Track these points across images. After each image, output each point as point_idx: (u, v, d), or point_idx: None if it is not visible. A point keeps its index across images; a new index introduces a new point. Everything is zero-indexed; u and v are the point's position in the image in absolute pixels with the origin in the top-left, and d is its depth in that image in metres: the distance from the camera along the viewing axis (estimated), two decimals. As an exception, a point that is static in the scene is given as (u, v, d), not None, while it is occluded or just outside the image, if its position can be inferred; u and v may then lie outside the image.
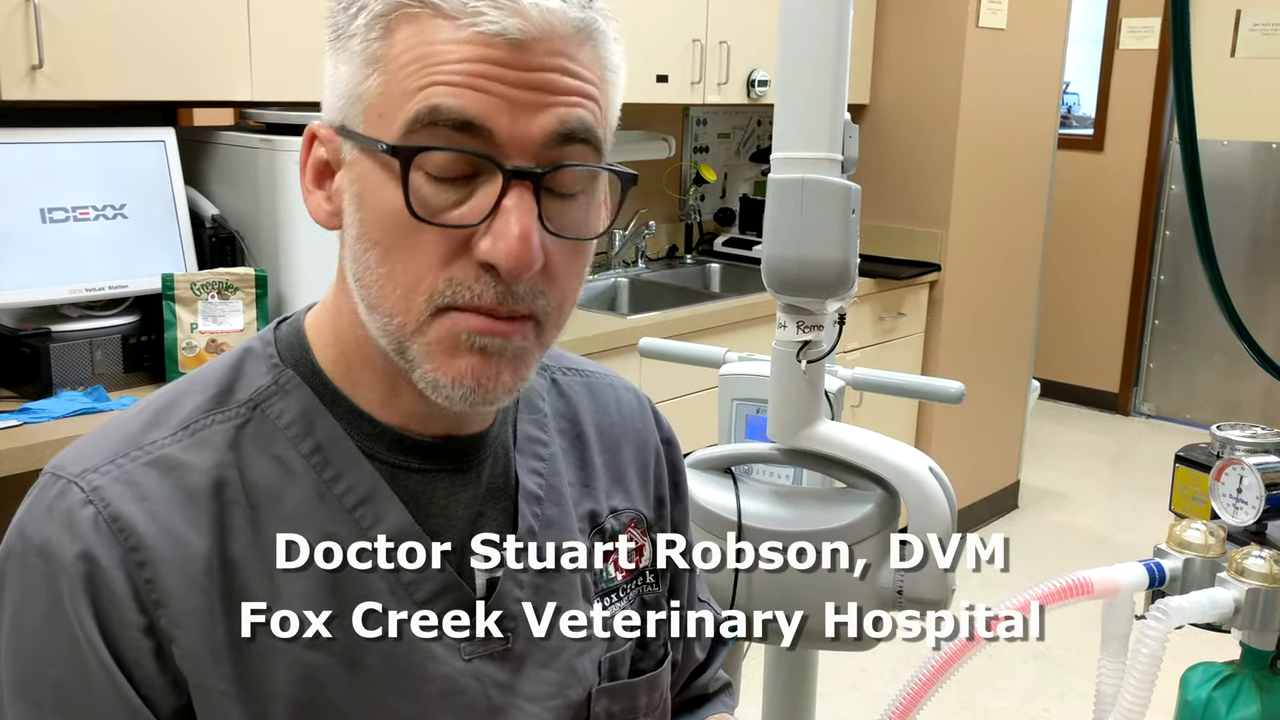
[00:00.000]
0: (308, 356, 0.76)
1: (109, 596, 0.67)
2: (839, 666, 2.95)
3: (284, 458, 0.73)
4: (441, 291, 0.67)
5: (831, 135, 1.21)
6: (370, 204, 0.68)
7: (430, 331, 0.68)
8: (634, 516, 0.90)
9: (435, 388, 0.69)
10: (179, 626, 0.68)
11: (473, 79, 0.65)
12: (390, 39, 0.67)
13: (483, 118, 0.65)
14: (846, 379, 1.51)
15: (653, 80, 3.01)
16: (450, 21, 0.66)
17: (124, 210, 2.07)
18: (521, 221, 0.65)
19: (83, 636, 0.66)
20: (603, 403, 0.92)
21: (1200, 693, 1.18)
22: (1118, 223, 5.43)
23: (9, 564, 0.69)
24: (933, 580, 1.32)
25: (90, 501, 0.68)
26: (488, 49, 0.65)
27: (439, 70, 0.65)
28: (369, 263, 0.69)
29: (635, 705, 0.87)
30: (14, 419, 1.81)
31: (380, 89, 0.67)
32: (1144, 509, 4.34)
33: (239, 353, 0.78)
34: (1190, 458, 1.35)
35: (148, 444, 0.71)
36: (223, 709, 0.69)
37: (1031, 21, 3.73)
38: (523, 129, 0.66)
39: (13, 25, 1.85)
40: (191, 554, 0.69)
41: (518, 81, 0.66)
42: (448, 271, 0.67)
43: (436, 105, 0.65)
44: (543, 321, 0.71)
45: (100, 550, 0.67)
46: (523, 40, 0.66)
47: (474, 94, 0.65)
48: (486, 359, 0.69)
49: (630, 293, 3.39)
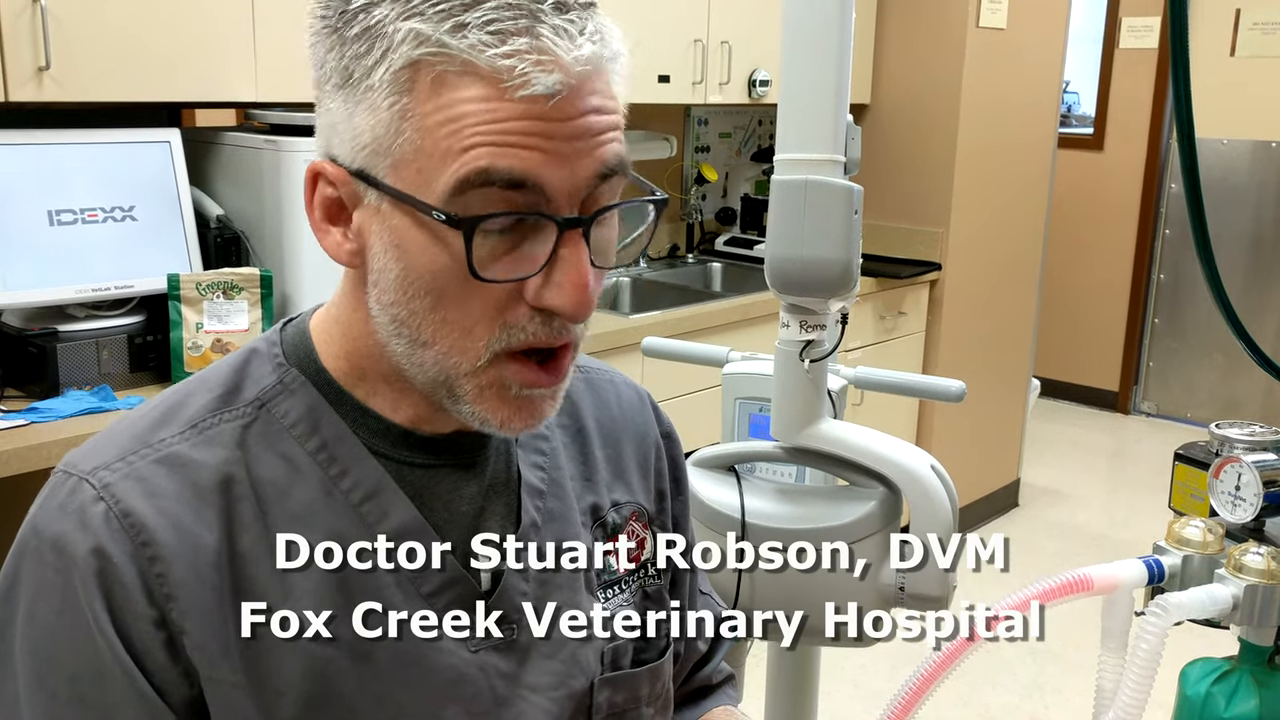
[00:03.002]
0: (313, 357, 0.78)
1: (121, 590, 0.68)
2: (840, 664, 2.96)
3: (290, 455, 0.74)
4: (499, 337, 0.69)
5: (834, 137, 1.22)
6: (417, 258, 0.68)
7: (484, 376, 0.70)
8: (635, 510, 0.91)
9: (483, 423, 0.72)
10: (189, 619, 0.69)
11: (519, 137, 0.65)
12: (416, 93, 0.66)
13: (534, 176, 0.66)
14: (849, 378, 1.52)
15: (654, 80, 3.02)
16: (489, 82, 0.65)
17: (133, 212, 2.08)
18: (580, 270, 0.68)
19: (96, 629, 0.68)
20: (603, 398, 0.93)
21: (1199, 688, 1.19)
22: (1118, 222, 5.44)
23: (24, 559, 0.71)
24: (935, 578, 1.34)
25: (101, 498, 0.70)
26: (531, 105, 0.65)
27: (481, 130, 0.65)
28: (418, 309, 0.70)
29: (637, 695, 0.88)
30: (21, 418, 1.82)
31: (414, 145, 0.66)
32: (1143, 507, 4.35)
33: (245, 353, 0.79)
34: (1189, 455, 1.36)
35: (156, 442, 0.73)
36: (233, 701, 0.70)
37: (1031, 21, 3.74)
38: (572, 179, 0.67)
39: (19, 27, 1.86)
40: (201, 549, 0.70)
41: (561, 134, 0.66)
42: (503, 318, 0.69)
43: (486, 168, 0.65)
44: (577, 344, 0.74)
45: (112, 545, 0.68)
46: (564, 92, 0.66)
47: (523, 152, 0.65)
48: (534, 405, 0.72)
49: (632, 292, 3.40)
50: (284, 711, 0.71)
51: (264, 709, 0.71)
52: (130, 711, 0.69)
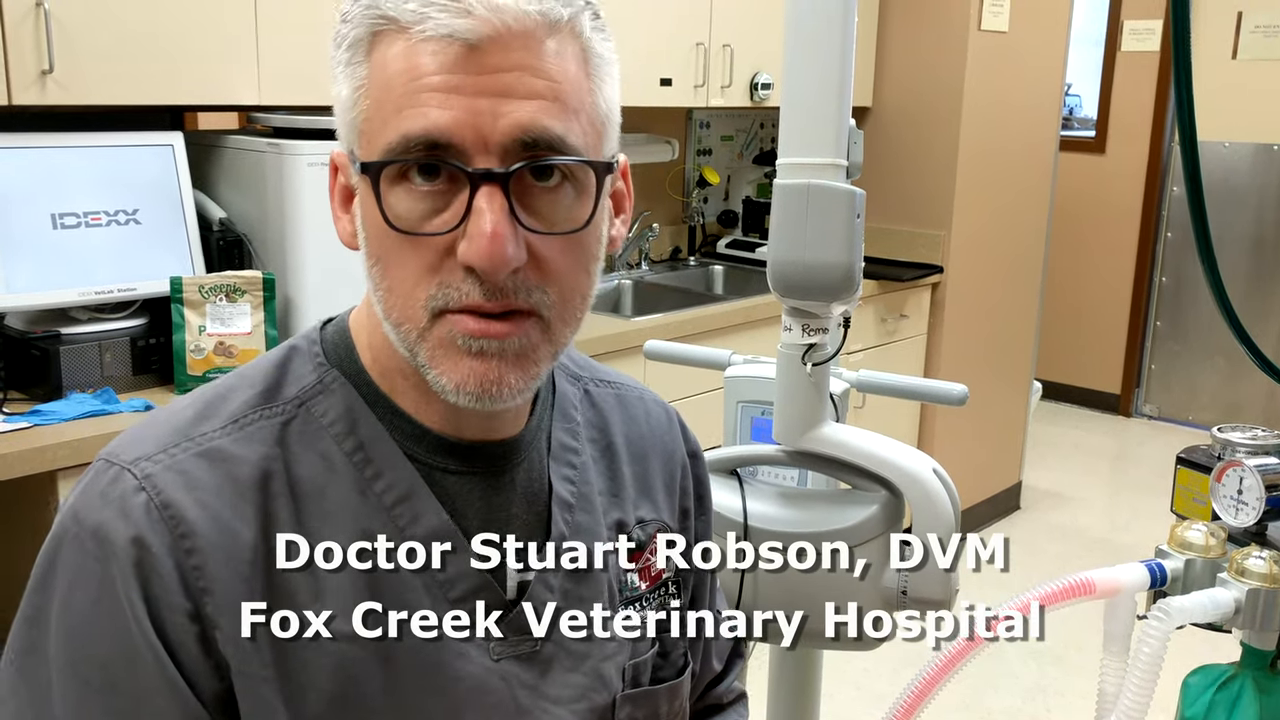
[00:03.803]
0: (352, 356, 0.78)
1: (158, 581, 0.69)
2: (842, 666, 2.96)
3: (328, 454, 0.75)
4: (434, 295, 0.69)
5: (837, 141, 1.22)
6: (367, 223, 0.71)
7: (431, 336, 0.70)
8: (660, 527, 0.91)
9: (444, 391, 0.71)
10: (223, 613, 0.70)
11: (434, 94, 0.66)
12: (369, 61, 0.68)
13: (446, 134, 0.66)
14: (851, 381, 1.52)
15: (656, 83, 3.02)
16: (405, 34, 0.67)
17: (136, 215, 2.08)
18: (491, 220, 0.66)
19: (132, 618, 0.68)
20: (632, 415, 0.93)
21: (1203, 699, 1.19)
22: (1119, 224, 5.43)
23: (63, 546, 0.71)
24: (936, 581, 1.33)
25: (143, 488, 0.70)
26: (444, 57, 0.66)
27: (406, 91, 0.67)
28: (375, 277, 0.72)
29: (657, 712, 0.88)
30: (24, 421, 1.83)
31: (367, 113, 0.69)
32: (1145, 510, 4.35)
33: (285, 350, 0.80)
34: (1191, 459, 1.36)
35: (198, 435, 0.73)
36: (262, 695, 0.71)
37: (1033, 24, 3.74)
38: (486, 134, 0.66)
39: (23, 31, 1.87)
40: (238, 543, 0.71)
41: (475, 88, 0.66)
42: (438, 276, 0.69)
43: (405, 133, 0.67)
44: (546, 316, 0.71)
45: (151, 536, 0.69)
46: (477, 42, 0.66)
47: (437, 111, 0.66)
48: (486, 361, 0.70)
49: (634, 295, 3.40)
50: (310, 708, 0.72)
51: (291, 704, 0.72)
52: (160, 701, 0.69)
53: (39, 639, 0.71)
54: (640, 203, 3.54)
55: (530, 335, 0.71)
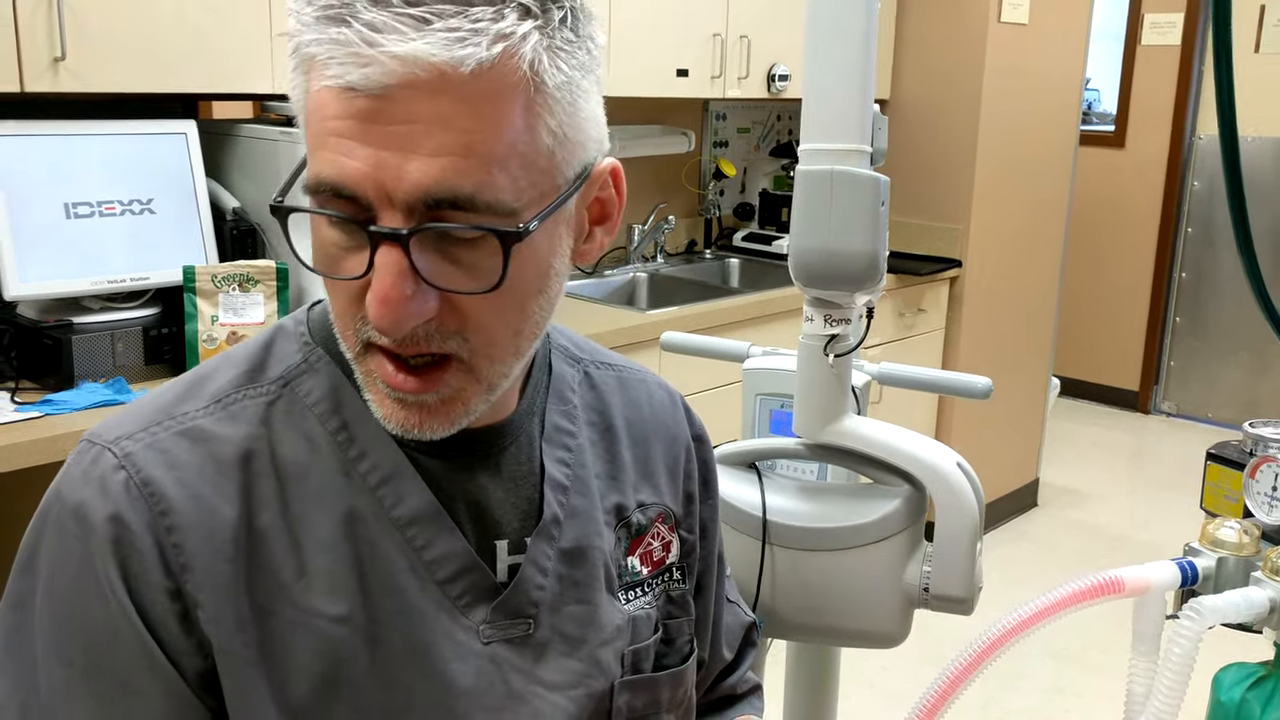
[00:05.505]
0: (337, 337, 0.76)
1: (137, 558, 0.68)
2: (859, 665, 2.94)
3: (311, 434, 0.74)
4: (359, 329, 0.69)
5: (861, 126, 1.19)
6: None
7: (363, 364, 0.70)
8: (661, 512, 0.89)
9: (376, 415, 0.71)
10: (204, 591, 0.69)
11: (341, 141, 0.62)
12: (306, 82, 0.65)
13: (351, 186, 0.63)
14: (873, 373, 1.50)
15: (673, 74, 3.00)
16: (320, 74, 0.63)
17: (151, 205, 2.07)
18: (384, 283, 0.63)
19: (112, 597, 0.68)
20: (634, 398, 0.91)
21: (1234, 693, 1.16)
22: (1138, 219, 5.39)
23: (46, 526, 0.71)
24: (959, 579, 1.31)
25: (122, 466, 0.70)
26: (352, 104, 0.62)
27: (320, 130, 0.63)
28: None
29: (658, 700, 0.86)
30: (36, 410, 1.82)
31: (305, 130, 0.67)
32: (1164, 507, 4.31)
33: (272, 331, 0.79)
34: (1222, 455, 1.33)
35: (180, 414, 0.73)
36: (245, 675, 0.70)
37: (1053, 17, 3.70)
38: (390, 190, 0.62)
39: (35, 18, 1.85)
40: (219, 522, 0.70)
41: (380, 140, 0.61)
42: (360, 311, 0.68)
43: (318, 175, 0.64)
44: (468, 360, 0.68)
45: (130, 513, 0.68)
46: (381, 93, 0.61)
47: (344, 160, 0.62)
48: (407, 409, 0.69)
49: (649, 287, 3.38)
50: (295, 689, 0.71)
51: (275, 685, 0.70)
52: (144, 681, 0.68)
53: (24, 620, 0.71)
54: (656, 195, 3.52)
55: (451, 383, 0.69)
